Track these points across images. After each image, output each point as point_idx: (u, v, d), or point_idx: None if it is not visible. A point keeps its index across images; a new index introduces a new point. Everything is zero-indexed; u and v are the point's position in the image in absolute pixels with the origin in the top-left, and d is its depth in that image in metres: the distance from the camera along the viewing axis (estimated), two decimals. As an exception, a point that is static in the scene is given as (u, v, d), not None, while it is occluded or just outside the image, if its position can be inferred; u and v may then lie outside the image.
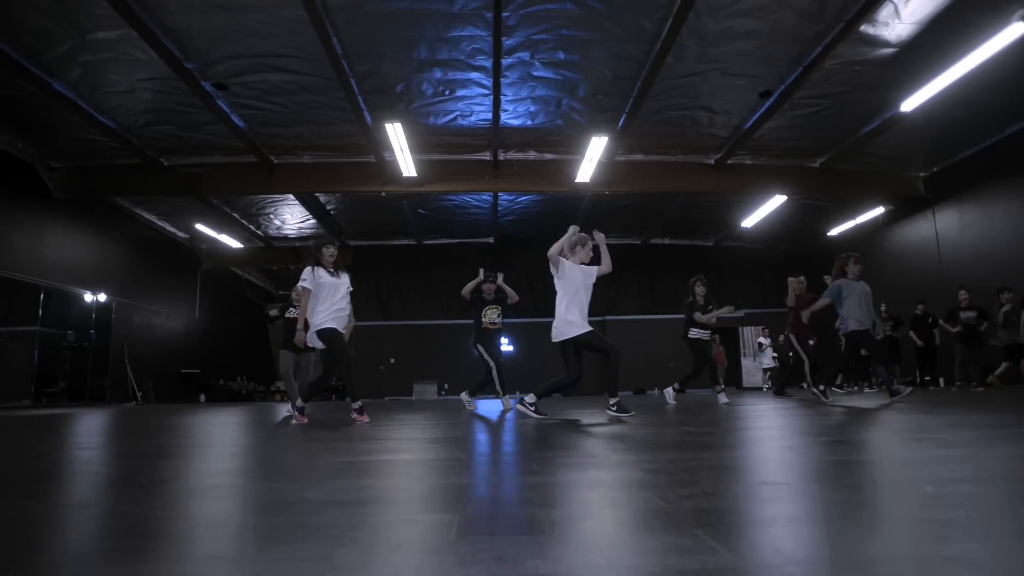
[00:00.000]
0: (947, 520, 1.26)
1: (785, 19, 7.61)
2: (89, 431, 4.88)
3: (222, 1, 7.08)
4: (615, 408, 5.00)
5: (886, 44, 8.14)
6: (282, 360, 7.43)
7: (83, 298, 12.47)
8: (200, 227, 14.87)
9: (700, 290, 7.80)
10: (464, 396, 7.54)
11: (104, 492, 1.98)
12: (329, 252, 5.39)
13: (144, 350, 13.92)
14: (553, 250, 5.08)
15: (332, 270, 5.39)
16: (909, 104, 9.21)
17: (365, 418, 5.02)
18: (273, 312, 7.97)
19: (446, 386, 16.62)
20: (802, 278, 8.61)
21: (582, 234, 5.31)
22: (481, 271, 7.59)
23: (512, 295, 7.56)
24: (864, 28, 7.75)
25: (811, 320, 7.95)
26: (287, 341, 7.19)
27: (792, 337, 8.56)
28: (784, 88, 9.22)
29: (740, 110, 10.12)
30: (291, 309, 7.47)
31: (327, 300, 5.30)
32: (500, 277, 7.61)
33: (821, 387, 6.84)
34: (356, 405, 5.13)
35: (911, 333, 11.12)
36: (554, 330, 5.12)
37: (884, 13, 7.48)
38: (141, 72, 8.45)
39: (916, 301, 11.11)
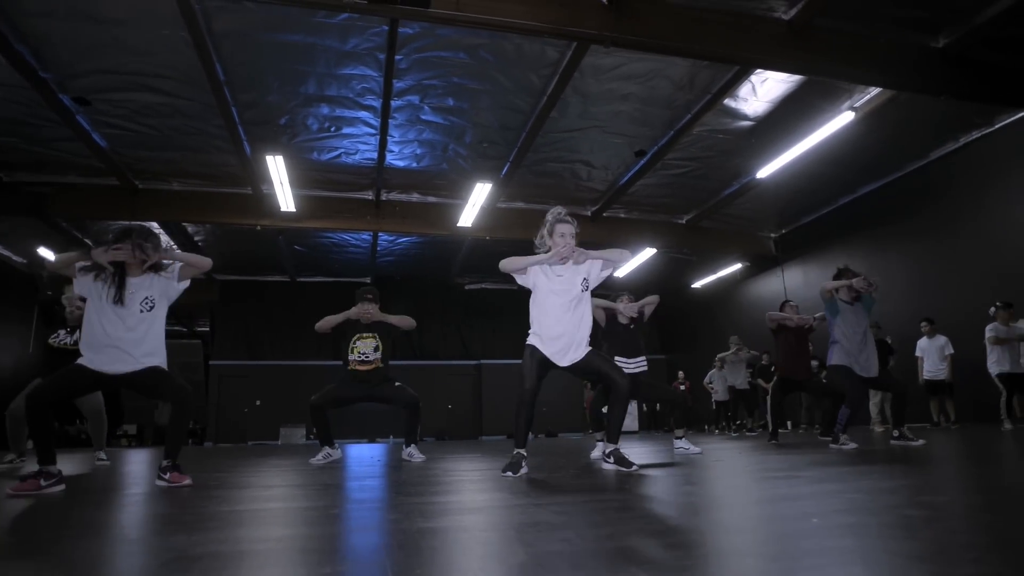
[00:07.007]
0: (798, 550, 1.38)
1: (660, 87, 8.26)
2: None
3: (92, 11, 6.58)
4: (611, 459, 3.59)
5: (745, 117, 9.04)
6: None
7: None
8: (43, 252, 13.39)
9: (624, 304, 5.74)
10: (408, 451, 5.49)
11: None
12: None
13: (-39, 389, 12.16)
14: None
15: (111, 276, 3.57)
16: (763, 172, 10.25)
17: (186, 479, 3.31)
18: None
19: (315, 430, 15.81)
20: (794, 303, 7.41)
21: (557, 210, 3.82)
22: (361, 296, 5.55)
23: (406, 322, 5.73)
24: (727, 101, 8.57)
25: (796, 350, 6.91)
26: (45, 370, 5.42)
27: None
28: (657, 149, 9.93)
29: (616, 166, 10.75)
30: (60, 333, 5.87)
31: (92, 318, 3.49)
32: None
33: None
34: (165, 462, 3.36)
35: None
36: None
37: (744, 90, 8.34)
38: (-16, 77, 7.63)
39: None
